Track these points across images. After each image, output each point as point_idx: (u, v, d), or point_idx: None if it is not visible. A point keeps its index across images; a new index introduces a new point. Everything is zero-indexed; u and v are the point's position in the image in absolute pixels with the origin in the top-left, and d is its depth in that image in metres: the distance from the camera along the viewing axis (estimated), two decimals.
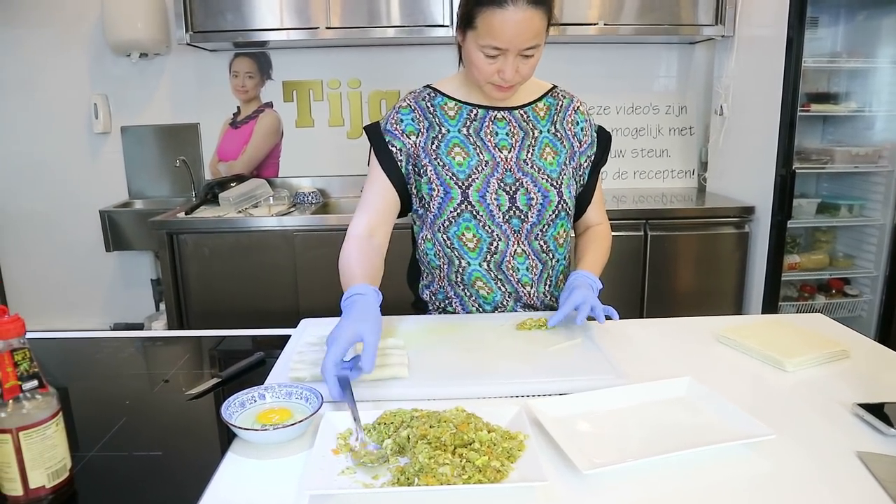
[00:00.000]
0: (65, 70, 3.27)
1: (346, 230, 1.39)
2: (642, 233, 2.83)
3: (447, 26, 2.86)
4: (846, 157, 2.90)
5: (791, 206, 2.73)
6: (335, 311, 1.49)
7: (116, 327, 3.54)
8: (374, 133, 1.44)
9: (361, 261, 1.32)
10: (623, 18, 2.94)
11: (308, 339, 1.29)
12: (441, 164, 1.40)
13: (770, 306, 2.83)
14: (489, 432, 0.89)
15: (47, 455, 0.79)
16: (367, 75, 3.33)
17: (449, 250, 1.44)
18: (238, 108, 3.37)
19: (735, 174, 3.09)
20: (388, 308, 1.47)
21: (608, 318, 1.30)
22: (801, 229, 3.06)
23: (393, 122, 1.42)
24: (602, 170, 1.54)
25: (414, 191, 1.45)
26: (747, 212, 2.88)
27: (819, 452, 0.91)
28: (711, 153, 3.31)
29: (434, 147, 1.40)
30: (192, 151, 3.37)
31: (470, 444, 0.86)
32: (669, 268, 2.91)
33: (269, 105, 3.37)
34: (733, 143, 3.08)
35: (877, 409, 0.98)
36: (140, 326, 3.47)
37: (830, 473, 0.86)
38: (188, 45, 2.98)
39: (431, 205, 1.42)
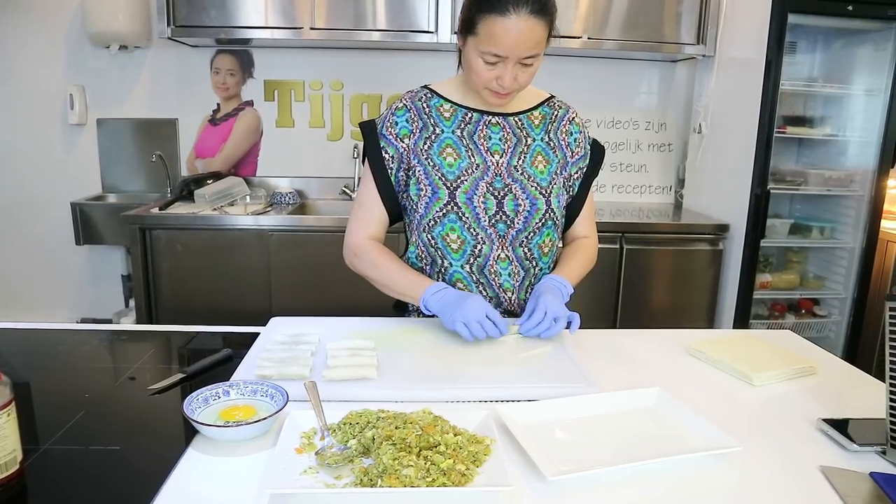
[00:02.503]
0: (41, 59, 3.20)
1: (322, 232, 1.39)
2: (618, 246, 2.85)
3: (432, 32, 2.87)
4: (819, 179, 2.95)
5: (765, 226, 2.77)
6: (307, 312, 1.48)
7: (84, 323, 3.46)
8: (370, 133, 1.45)
9: (404, 265, 1.44)
10: (607, 33, 2.97)
11: (277, 337, 1.27)
12: (431, 164, 1.40)
13: (741, 324, 2.86)
14: (455, 435, 0.88)
15: None
16: (350, 78, 3.31)
17: (432, 250, 1.44)
18: (218, 105, 3.33)
19: (711, 192, 3.13)
20: (368, 310, 1.47)
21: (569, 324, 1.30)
22: (773, 249, 3.10)
23: (388, 124, 1.43)
24: (595, 183, 1.55)
25: (404, 196, 1.45)
26: (722, 229, 2.92)
27: (784, 466, 0.91)
28: (689, 170, 3.35)
29: (426, 147, 1.41)
30: (169, 147, 3.33)
31: (435, 447, 0.85)
32: (644, 281, 2.92)
33: (250, 104, 3.34)
34: (710, 161, 3.12)
35: (841, 425, 0.99)
36: (108, 322, 3.40)
37: (794, 487, 0.86)
38: (169, 39, 2.94)
39: (419, 205, 1.42)
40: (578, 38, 2.94)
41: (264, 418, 0.91)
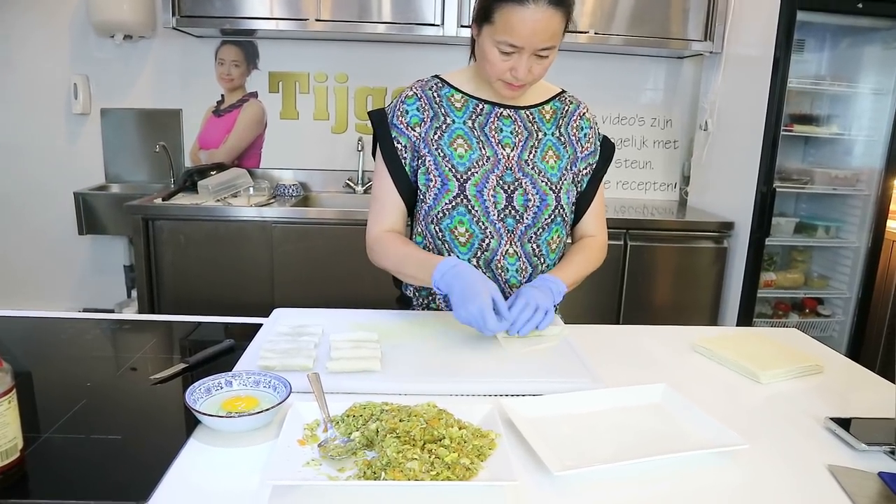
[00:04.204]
0: (46, 49, 3.19)
1: (325, 224, 1.37)
2: (622, 242, 2.84)
3: (438, 25, 2.85)
4: (825, 178, 2.93)
5: (770, 224, 2.76)
6: (310, 304, 1.47)
7: (86, 312, 3.46)
8: (380, 123, 1.42)
9: (416, 249, 1.40)
10: (614, 29, 2.95)
11: (280, 328, 1.26)
12: (441, 154, 1.38)
13: (745, 322, 2.85)
14: (460, 429, 0.87)
15: None
16: (355, 70, 3.30)
17: (439, 242, 1.42)
18: (222, 96, 3.32)
19: (716, 189, 3.12)
20: (372, 303, 1.46)
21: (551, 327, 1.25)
22: (778, 247, 3.09)
23: (399, 113, 1.41)
24: (605, 180, 1.52)
25: (417, 187, 1.44)
26: (727, 227, 2.90)
27: (791, 464, 0.90)
28: (694, 168, 3.33)
29: (436, 137, 1.39)
30: (173, 137, 3.32)
31: (440, 441, 0.84)
32: (648, 278, 2.91)
33: (254, 95, 3.32)
34: (716, 158, 3.11)
35: (848, 424, 0.99)
36: (110, 313, 3.40)
37: (801, 485, 0.85)
38: (174, 29, 2.93)
39: (427, 196, 1.40)
40: (585, 32, 2.92)
41: (267, 409, 0.90)
